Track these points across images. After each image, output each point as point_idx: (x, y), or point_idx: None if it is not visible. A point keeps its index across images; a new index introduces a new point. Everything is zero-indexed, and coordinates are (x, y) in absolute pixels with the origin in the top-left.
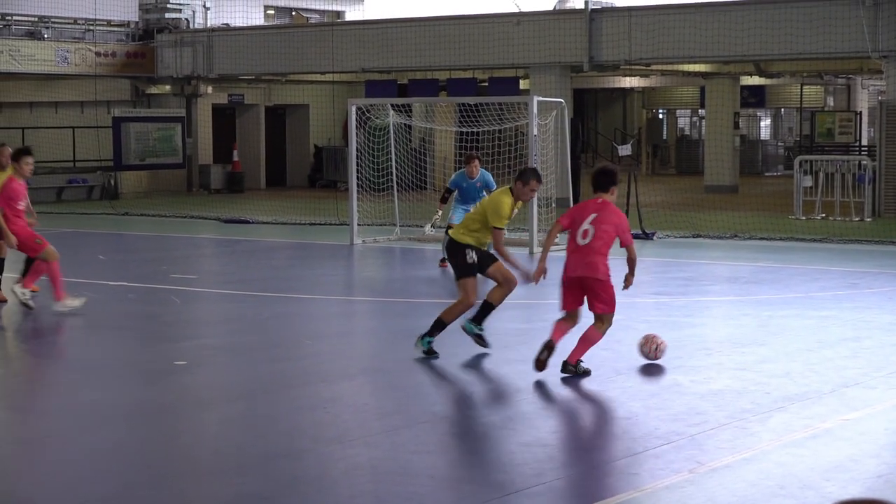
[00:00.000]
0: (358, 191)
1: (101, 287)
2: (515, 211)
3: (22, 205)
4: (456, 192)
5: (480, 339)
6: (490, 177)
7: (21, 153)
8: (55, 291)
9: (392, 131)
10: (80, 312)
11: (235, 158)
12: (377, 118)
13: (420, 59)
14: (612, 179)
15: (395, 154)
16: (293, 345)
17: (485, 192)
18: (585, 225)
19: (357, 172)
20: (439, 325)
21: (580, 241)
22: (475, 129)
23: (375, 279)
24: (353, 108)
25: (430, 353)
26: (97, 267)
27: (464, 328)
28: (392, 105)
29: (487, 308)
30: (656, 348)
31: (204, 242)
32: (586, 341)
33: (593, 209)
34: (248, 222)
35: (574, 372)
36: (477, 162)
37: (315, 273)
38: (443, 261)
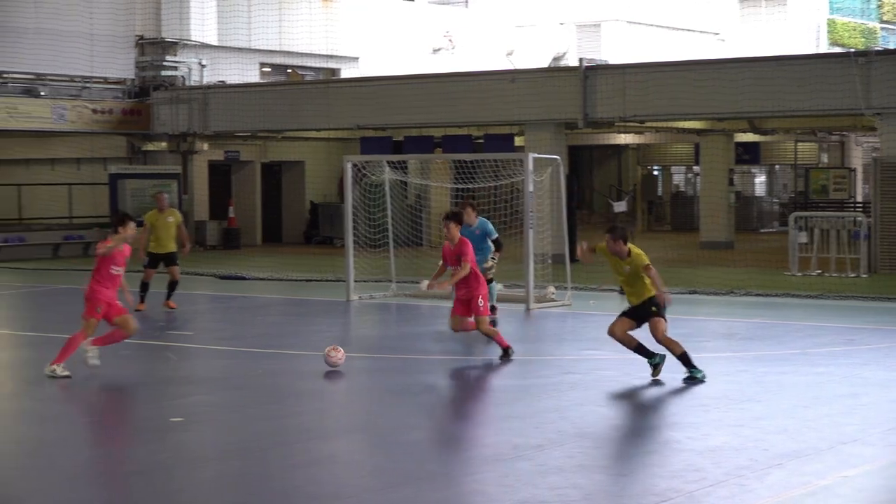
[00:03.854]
0: (354, 247)
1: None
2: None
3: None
4: None
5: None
6: (489, 225)
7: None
8: (60, 354)
9: (388, 188)
10: (71, 369)
11: (231, 215)
12: (373, 175)
13: (415, 116)
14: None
15: (391, 210)
16: (288, 401)
17: (487, 240)
18: None
19: (353, 229)
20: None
21: None
22: (471, 186)
23: (371, 336)
24: (349, 165)
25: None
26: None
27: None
28: (388, 162)
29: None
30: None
31: (200, 299)
32: None
33: None
34: (244, 278)
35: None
36: (471, 209)
37: (311, 329)
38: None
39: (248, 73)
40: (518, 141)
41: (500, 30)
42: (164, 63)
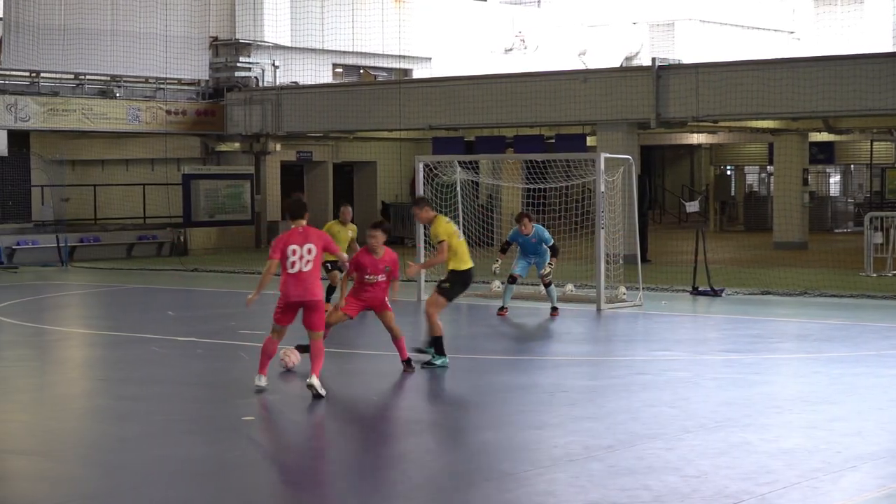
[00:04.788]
0: (425, 247)
1: (170, 343)
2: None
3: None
4: (517, 245)
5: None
6: (545, 232)
7: None
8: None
9: (459, 188)
10: (146, 368)
11: None
12: (444, 175)
13: (487, 117)
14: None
15: (462, 210)
16: (360, 401)
17: (543, 246)
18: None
19: (424, 229)
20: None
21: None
22: (542, 186)
23: (445, 336)
24: (421, 165)
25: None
26: (166, 323)
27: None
28: (459, 162)
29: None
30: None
31: (272, 298)
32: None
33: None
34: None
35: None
36: (527, 220)
37: (381, 329)
38: (502, 309)
39: (320, 73)
40: (590, 141)
41: (572, 29)
42: (238, 64)
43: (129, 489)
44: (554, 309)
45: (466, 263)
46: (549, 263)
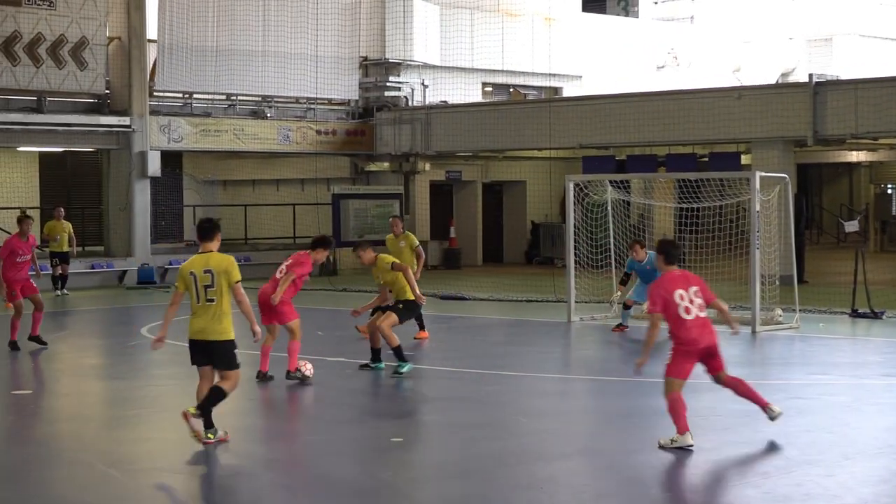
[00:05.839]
0: (575, 267)
1: (320, 363)
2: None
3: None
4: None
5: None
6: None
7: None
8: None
9: (610, 207)
10: (294, 388)
11: (452, 235)
12: (595, 194)
13: (638, 135)
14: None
15: (613, 230)
16: (509, 423)
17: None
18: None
19: (574, 249)
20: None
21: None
22: (695, 206)
23: (593, 357)
24: (571, 185)
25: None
26: (316, 343)
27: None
28: (610, 181)
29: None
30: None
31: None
32: None
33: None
34: (464, 299)
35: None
36: (638, 246)
37: (531, 350)
38: (619, 326)
39: (469, 92)
40: (744, 159)
41: (726, 45)
42: (388, 84)
43: None
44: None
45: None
46: None
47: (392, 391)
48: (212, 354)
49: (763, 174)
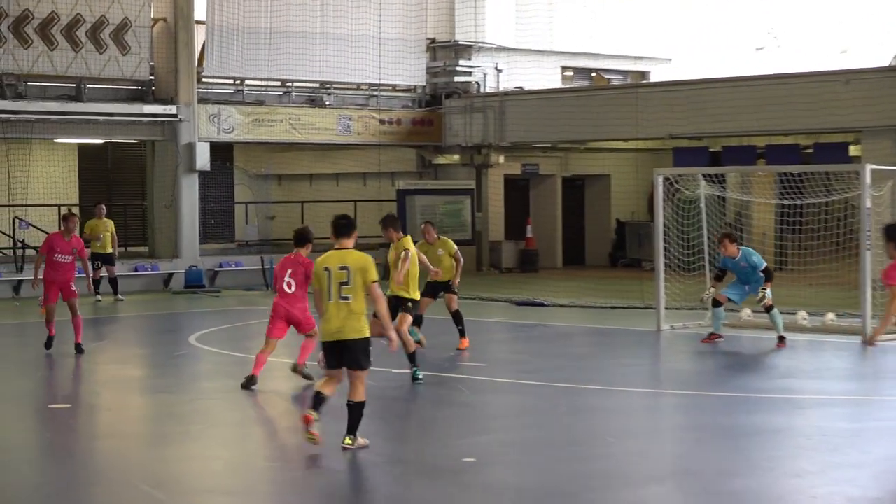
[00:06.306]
0: (665, 270)
1: (385, 375)
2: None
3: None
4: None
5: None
6: (753, 255)
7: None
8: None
9: (703, 204)
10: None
11: (529, 234)
12: (687, 189)
13: (735, 124)
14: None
15: (707, 229)
16: (593, 442)
17: (757, 272)
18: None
19: (664, 250)
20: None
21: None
22: (798, 202)
23: (685, 370)
24: (660, 179)
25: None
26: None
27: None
28: (703, 175)
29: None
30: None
31: (495, 327)
32: None
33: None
34: (542, 305)
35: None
36: (727, 241)
37: (617, 362)
38: (711, 336)
39: (548, 77)
40: (853, 150)
41: (832, 24)
42: (458, 68)
43: None
44: (781, 339)
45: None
46: (763, 288)
47: (459, 405)
48: (343, 353)
49: (874, 167)
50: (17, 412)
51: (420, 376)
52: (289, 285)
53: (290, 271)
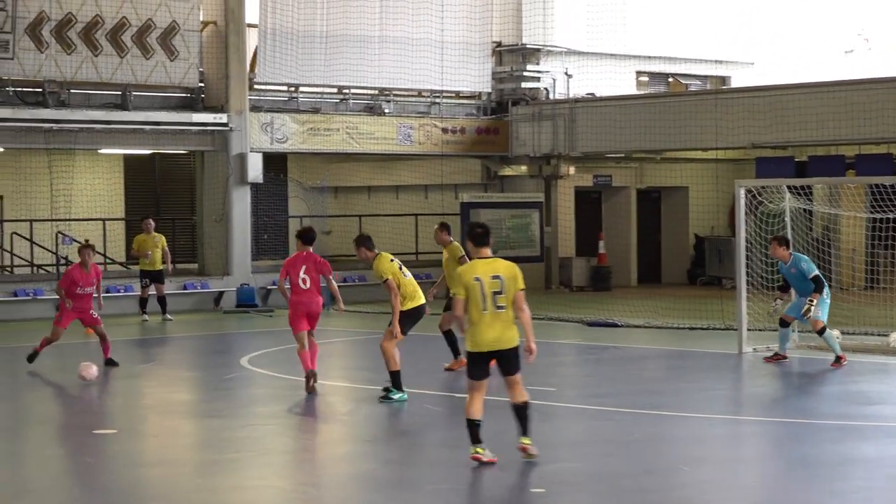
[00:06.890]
0: (747, 289)
1: (446, 399)
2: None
3: None
4: None
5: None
6: (802, 261)
7: None
8: None
9: (789, 218)
10: (415, 427)
11: (602, 251)
12: (770, 202)
13: (822, 132)
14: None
15: (793, 245)
16: (669, 472)
17: (807, 280)
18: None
19: (746, 267)
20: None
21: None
22: (890, 216)
23: (768, 395)
24: (742, 191)
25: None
26: (438, 374)
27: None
28: (788, 187)
29: None
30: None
31: (564, 349)
32: None
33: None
34: (616, 325)
35: None
36: (775, 244)
37: (695, 387)
38: (775, 356)
39: (621, 82)
40: None
41: None
42: (525, 73)
43: None
44: (837, 358)
45: (414, 301)
46: (810, 300)
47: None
48: (500, 361)
49: None
50: (58, 437)
51: (395, 397)
52: (304, 281)
53: (304, 268)
